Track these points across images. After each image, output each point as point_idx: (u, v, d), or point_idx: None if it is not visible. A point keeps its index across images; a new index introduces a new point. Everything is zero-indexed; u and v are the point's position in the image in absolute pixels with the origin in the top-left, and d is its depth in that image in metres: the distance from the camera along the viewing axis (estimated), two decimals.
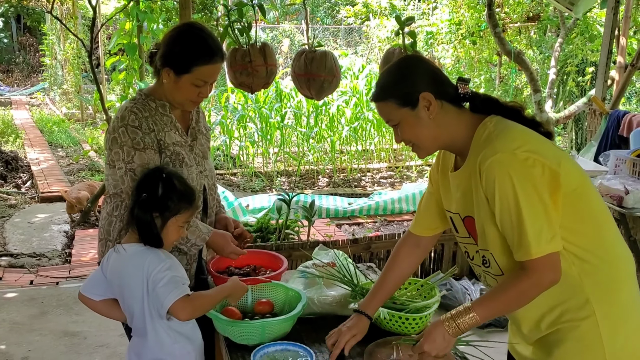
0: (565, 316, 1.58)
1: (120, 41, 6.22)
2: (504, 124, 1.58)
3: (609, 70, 4.68)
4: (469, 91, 1.63)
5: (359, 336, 1.90)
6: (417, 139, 1.66)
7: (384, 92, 1.65)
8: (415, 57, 1.75)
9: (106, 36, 12.11)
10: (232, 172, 8.23)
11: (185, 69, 2.06)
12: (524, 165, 1.47)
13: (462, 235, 1.74)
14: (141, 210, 1.87)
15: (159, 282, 1.84)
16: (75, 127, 11.36)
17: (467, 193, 1.63)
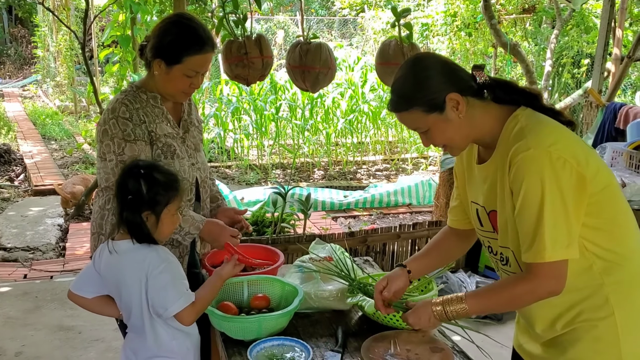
0: (583, 315, 1.56)
1: (114, 33, 6.17)
2: (536, 118, 1.55)
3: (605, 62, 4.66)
4: (487, 78, 1.58)
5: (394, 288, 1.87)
6: (450, 140, 1.62)
7: (406, 102, 1.57)
8: (426, 55, 1.65)
9: (99, 28, 12.01)
10: (226, 164, 8.20)
11: (176, 59, 2.05)
12: (556, 166, 1.43)
13: (487, 229, 1.70)
14: (130, 212, 1.82)
15: (160, 283, 1.81)
16: (68, 119, 11.29)
17: (493, 186, 1.60)
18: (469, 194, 1.77)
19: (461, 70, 1.59)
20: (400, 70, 1.61)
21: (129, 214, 1.82)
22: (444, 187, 4.72)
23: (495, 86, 1.58)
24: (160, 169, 1.92)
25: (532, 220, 1.46)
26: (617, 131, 4.16)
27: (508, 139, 1.53)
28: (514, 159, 1.47)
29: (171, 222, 1.90)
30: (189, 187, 2.19)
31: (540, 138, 1.46)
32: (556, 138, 1.48)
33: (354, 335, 2.00)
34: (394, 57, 3.18)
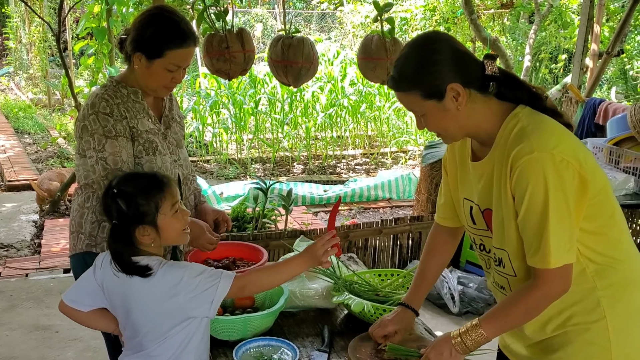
0: (575, 319, 1.55)
1: (89, 25, 6.05)
2: (537, 118, 1.51)
3: (584, 57, 4.70)
4: (497, 70, 1.52)
5: (402, 331, 1.82)
6: (445, 130, 1.58)
7: (406, 83, 1.51)
8: (438, 37, 1.53)
9: (74, 19, 11.78)
10: (205, 159, 8.12)
11: (157, 53, 2.00)
12: (559, 169, 1.41)
13: (480, 227, 1.67)
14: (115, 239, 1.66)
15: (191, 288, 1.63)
16: (42, 112, 11.06)
17: (489, 185, 1.56)
18: (460, 191, 1.74)
19: (471, 59, 1.52)
20: (407, 47, 1.54)
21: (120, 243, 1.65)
22: (425, 182, 4.72)
23: (503, 80, 1.53)
24: (135, 175, 1.78)
25: (537, 225, 1.43)
26: (597, 127, 4.20)
27: (508, 139, 1.50)
28: (517, 161, 1.44)
29: (175, 221, 1.72)
30: None
31: (544, 140, 1.43)
32: (558, 139, 1.45)
33: (340, 334, 1.98)
34: (376, 52, 3.16)
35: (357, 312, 1.99)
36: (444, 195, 1.85)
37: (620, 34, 5.12)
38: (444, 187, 1.85)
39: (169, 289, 1.62)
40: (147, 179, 1.73)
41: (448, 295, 3.83)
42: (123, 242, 1.65)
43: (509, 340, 1.75)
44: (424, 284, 1.90)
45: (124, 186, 1.68)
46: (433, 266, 1.91)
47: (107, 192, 1.69)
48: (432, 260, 1.90)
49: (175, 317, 1.66)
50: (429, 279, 1.91)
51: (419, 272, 1.91)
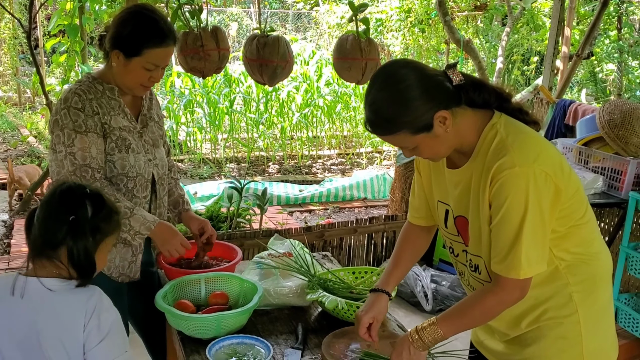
0: (548, 314, 1.58)
1: (61, 22, 5.95)
2: (515, 128, 1.52)
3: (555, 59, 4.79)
4: (462, 78, 1.51)
5: (379, 316, 1.80)
6: (436, 154, 1.58)
7: (391, 126, 1.49)
8: (402, 71, 1.48)
9: (45, 16, 11.58)
10: (179, 158, 8.05)
11: (135, 51, 1.98)
12: (538, 182, 1.43)
13: (451, 232, 1.70)
14: (74, 236, 1.47)
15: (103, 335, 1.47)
16: (12, 111, 10.84)
17: (465, 193, 1.58)
18: (434, 193, 1.75)
19: (439, 78, 1.49)
20: (377, 89, 1.49)
21: (74, 240, 1.47)
22: (400, 182, 4.76)
23: (470, 87, 1.52)
24: (106, 194, 1.64)
25: (510, 235, 1.46)
26: (567, 127, 4.28)
27: (487, 150, 1.51)
28: (498, 174, 1.46)
29: (105, 259, 1.60)
30: (144, 184, 2.12)
31: (524, 154, 1.46)
32: (538, 151, 1.48)
33: (314, 331, 2.00)
34: (351, 52, 3.17)
35: (331, 309, 2.00)
36: (418, 195, 1.85)
37: (590, 37, 5.23)
38: (417, 188, 1.85)
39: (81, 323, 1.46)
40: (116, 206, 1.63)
41: (421, 293, 3.87)
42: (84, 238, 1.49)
43: (482, 337, 1.78)
44: (396, 271, 1.89)
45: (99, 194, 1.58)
46: (406, 255, 1.91)
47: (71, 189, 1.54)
48: (406, 251, 1.91)
49: None
50: (402, 267, 1.91)
51: (392, 261, 1.91)
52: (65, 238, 1.47)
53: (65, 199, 1.51)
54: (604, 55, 9.18)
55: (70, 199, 1.51)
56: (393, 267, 1.89)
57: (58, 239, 1.47)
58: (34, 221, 1.50)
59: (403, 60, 1.56)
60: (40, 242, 1.48)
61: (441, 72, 1.52)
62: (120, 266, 2.12)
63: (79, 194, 1.53)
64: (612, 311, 1.69)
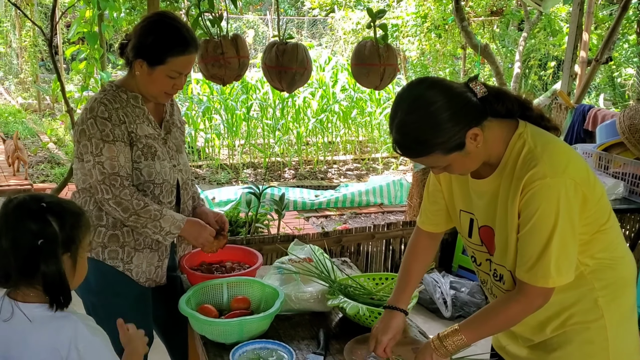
0: (574, 319, 1.59)
1: (81, 29, 6.02)
2: (541, 138, 1.53)
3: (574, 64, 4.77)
4: (485, 89, 1.50)
5: (397, 336, 1.81)
6: (468, 170, 1.59)
7: (424, 148, 1.48)
8: (430, 94, 1.46)
9: (64, 24, 11.74)
10: (197, 164, 8.11)
11: (159, 60, 2.01)
12: (569, 192, 1.44)
13: (475, 242, 1.71)
14: (46, 260, 1.35)
15: None
16: (32, 117, 11.00)
17: (492, 204, 1.59)
18: (456, 202, 1.75)
19: (465, 94, 1.48)
20: (403, 111, 1.47)
21: (47, 264, 1.34)
22: (417, 187, 4.76)
23: (492, 98, 1.52)
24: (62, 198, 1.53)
25: (539, 244, 1.46)
26: (586, 133, 4.26)
27: (516, 161, 1.51)
28: (529, 185, 1.46)
29: (85, 263, 1.49)
30: (169, 189, 2.16)
31: (554, 164, 1.46)
32: (567, 161, 1.48)
33: (335, 337, 2.00)
34: (370, 57, 3.19)
35: (352, 315, 2.01)
36: (434, 202, 1.84)
37: (609, 42, 5.20)
38: (434, 194, 1.83)
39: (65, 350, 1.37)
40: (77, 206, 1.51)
41: (440, 299, 3.86)
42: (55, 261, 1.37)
43: (505, 342, 1.78)
44: (409, 285, 1.90)
45: (57, 202, 1.44)
46: (416, 269, 1.92)
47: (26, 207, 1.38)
48: (415, 263, 1.91)
49: None
50: (413, 281, 1.92)
51: (402, 274, 1.91)
52: (39, 265, 1.35)
53: (26, 221, 1.36)
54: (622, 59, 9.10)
55: (31, 220, 1.36)
56: (405, 283, 1.90)
57: (33, 268, 1.35)
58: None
59: (428, 80, 1.53)
60: (15, 272, 1.36)
61: (465, 86, 1.51)
62: (147, 271, 2.15)
63: (38, 211, 1.37)
64: (636, 315, 1.69)
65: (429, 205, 1.86)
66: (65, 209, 1.42)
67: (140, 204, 2.01)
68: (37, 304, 1.39)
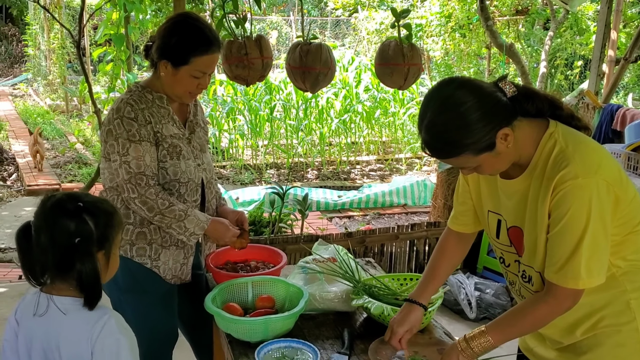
0: (605, 321, 1.56)
1: (107, 32, 6.12)
2: (573, 137, 1.50)
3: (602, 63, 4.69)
4: (514, 89, 1.49)
5: (414, 329, 1.82)
6: (498, 170, 1.58)
7: (454, 149, 1.47)
8: (461, 94, 1.45)
9: (92, 26, 11.93)
10: (221, 164, 8.17)
11: (183, 60, 2.03)
12: (601, 193, 1.42)
13: (503, 242, 1.69)
14: (83, 259, 1.40)
15: None
16: (60, 118, 11.19)
17: (521, 204, 1.57)
18: (484, 203, 1.74)
19: (495, 94, 1.46)
20: (433, 112, 1.46)
21: (83, 262, 1.40)
22: (442, 188, 4.73)
23: (522, 97, 1.50)
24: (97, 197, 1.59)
25: (570, 245, 1.45)
26: (614, 133, 4.19)
27: (547, 161, 1.50)
28: (561, 185, 1.44)
29: (117, 260, 1.55)
30: (194, 188, 2.18)
31: (586, 164, 1.44)
32: (599, 161, 1.46)
33: (360, 337, 2.00)
34: (394, 57, 3.18)
35: (377, 315, 2.00)
36: (463, 202, 1.84)
37: (638, 40, 5.10)
38: (462, 195, 1.84)
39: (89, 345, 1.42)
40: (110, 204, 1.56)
41: (465, 301, 3.83)
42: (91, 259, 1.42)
43: (532, 344, 1.76)
44: (433, 282, 1.90)
45: (94, 202, 1.48)
46: (443, 267, 1.92)
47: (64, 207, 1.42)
48: (442, 260, 1.92)
49: None
50: (438, 278, 1.92)
51: (428, 271, 1.92)
52: (75, 262, 1.40)
53: (64, 220, 1.40)
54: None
55: (68, 219, 1.40)
56: (429, 279, 1.90)
57: (69, 265, 1.41)
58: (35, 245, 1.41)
59: (457, 80, 1.51)
60: (52, 267, 1.42)
61: (494, 85, 1.49)
62: (173, 268, 2.18)
63: (75, 210, 1.42)
64: None
65: (458, 205, 1.87)
66: (100, 209, 1.47)
67: (165, 203, 2.03)
68: (71, 297, 1.44)
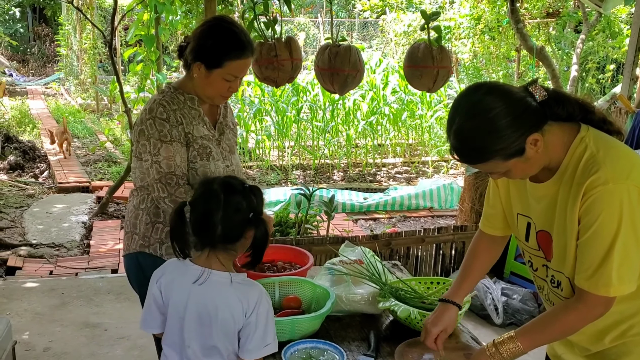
0: (634, 329, 1.55)
1: (138, 32, 6.23)
2: (604, 142, 1.49)
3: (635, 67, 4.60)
4: (545, 93, 1.48)
5: (448, 329, 1.82)
6: (527, 175, 1.57)
7: (484, 155, 1.46)
8: (490, 100, 1.43)
9: (123, 27, 12.12)
10: (248, 165, 8.23)
11: (216, 63, 2.05)
12: (633, 199, 1.40)
13: (532, 246, 1.68)
14: (257, 226, 1.67)
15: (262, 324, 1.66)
16: (90, 117, 11.40)
17: (551, 208, 1.56)
18: (514, 205, 1.73)
19: (525, 99, 1.45)
20: (461, 118, 1.46)
21: (258, 229, 1.67)
22: (470, 191, 4.69)
23: (553, 101, 1.49)
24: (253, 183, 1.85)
25: (600, 252, 1.43)
26: None
27: (577, 165, 1.48)
28: (591, 190, 1.43)
29: None
30: None
31: (617, 169, 1.42)
32: (630, 167, 1.44)
33: (386, 339, 2.00)
34: (423, 59, 3.17)
35: (404, 319, 2.00)
36: (493, 206, 1.84)
37: None
38: (492, 198, 1.83)
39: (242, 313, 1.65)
40: (258, 188, 1.79)
41: (491, 306, 3.80)
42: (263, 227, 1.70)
43: (560, 351, 1.74)
44: (466, 282, 1.90)
45: (251, 185, 1.75)
46: (476, 268, 1.91)
47: (233, 185, 1.69)
48: (474, 261, 1.91)
49: None
50: (471, 278, 1.91)
51: (461, 272, 1.92)
52: (244, 232, 1.66)
53: (236, 197, 1.66)
54: None
55: (240, 196, 1.67)
56: (462, 279, 1.90)
57: (239, 234, 1.67)
58: (203, 222, 1.65)
59: (486, 85, 1.50)
60: (222, 238, 1.65)
61: (524, 90, 1.48)
62: None
63: (244, 190, 1.70)
64: None
65: (488, 208, 1.87)
66: (258, 189, 1.76)
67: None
68: (224, 272, 1.68)
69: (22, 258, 4.85)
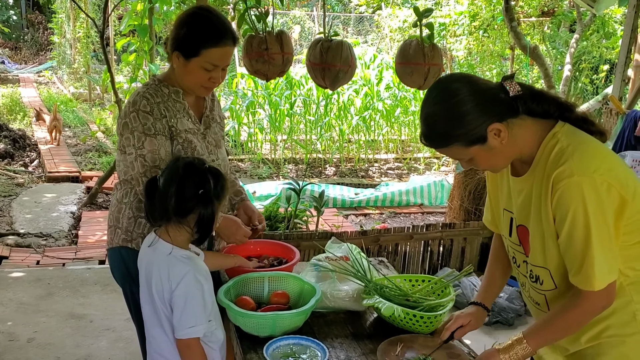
0: (609, 331, 1.55)
1: (132, 22, 6.18)
2: (577, 138, 1.51)
3: (627, 68, 4.60)
4: (519, 89, 1.50)
5: (474, 323, 1.87)
6: (493, 166, 1.60)
7: (444, 139, 1.52)
8: (455, 85, 1.50)
9: (116, 16, 12.04)
10: (239, 158, 8.21)
11: (194, 52, 2.02)
12: (600, 192, 1.41)
13: (514, 241, 1.70)
14: (204, 206, 1.80)
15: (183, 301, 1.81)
16: (82, 107, 11.33)
17: (527, 202, 1.58)
18: (500, 201, 1.75)
19: (493, 90, 1.49)
20: (430, 103, 1.53)
21: (204, 208, 1.80)
22: (459, 189, 4.70)
23: (528, 97, 1.51)
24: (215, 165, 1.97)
25: (579, 247, 1.45)
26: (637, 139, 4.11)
27: (547, 159, 1.50)
28: (558, 184, 1.45)
29: (220, 218, 1.93)
30: None
31: (584, 163, 1.43)
32: (599, 161, 1.45)
33: (369, 337, 2.00)
34: (414, 57, 3.16)
35: (387, 316, 1.99)
36: (490, 208, 1.89)
37: None
38: (489, 197, 1.88)
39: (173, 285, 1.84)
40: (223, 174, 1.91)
41: None
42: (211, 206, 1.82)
43: (542, 351, 1.75)
44: (492, 286, 1.94)
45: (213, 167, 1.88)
46: (498, 269, 1.94)
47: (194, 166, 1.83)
48: (497, 267, 1.94)
49: None
50: (496, 282, 1.95)
51: (485, 276, 1.97)
52: (195, 207, 1.79)
53: (192, 175, 1.81)
54: None
55: (196, 175, 1.81)
56: (488, 285, 1.95)
57: (190, 208, 1.79)
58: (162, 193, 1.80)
59: (457, 74, 1.57)
60: (174, 210, 1.79)
61: (496, 84, 1.52)
62: None
63: (202, 170, 1.83)
64: None
65: (486, 213, 1.92)
66: (220, 173, 1.87)
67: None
68: (168, 243, 1.85)
69: (9, 247, 4.82)
